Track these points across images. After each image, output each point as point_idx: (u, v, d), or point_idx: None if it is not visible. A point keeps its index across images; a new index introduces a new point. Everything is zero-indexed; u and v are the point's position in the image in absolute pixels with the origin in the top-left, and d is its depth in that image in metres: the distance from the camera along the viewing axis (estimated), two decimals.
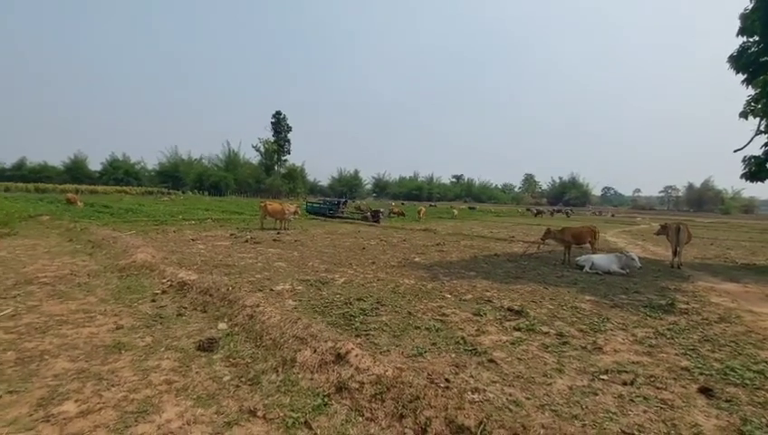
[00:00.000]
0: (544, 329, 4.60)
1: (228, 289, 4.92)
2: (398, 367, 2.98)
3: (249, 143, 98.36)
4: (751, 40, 10.76)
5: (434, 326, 4.54)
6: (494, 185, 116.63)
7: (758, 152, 10.78)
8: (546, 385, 3.26)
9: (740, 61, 10.90)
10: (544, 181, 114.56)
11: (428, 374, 3.37)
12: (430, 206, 51.42)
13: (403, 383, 2.75)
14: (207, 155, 76.72)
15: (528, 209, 51.73)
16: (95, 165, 68.49)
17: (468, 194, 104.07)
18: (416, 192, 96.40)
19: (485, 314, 5.12)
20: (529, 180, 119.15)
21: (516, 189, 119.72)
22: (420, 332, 4.40)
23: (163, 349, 3.45)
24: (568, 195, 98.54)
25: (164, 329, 3.97)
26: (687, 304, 6.00)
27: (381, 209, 25.54)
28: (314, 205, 26.96)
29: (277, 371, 3.00)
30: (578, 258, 9.06)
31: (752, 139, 11.04)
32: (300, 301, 5.42)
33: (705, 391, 3.15)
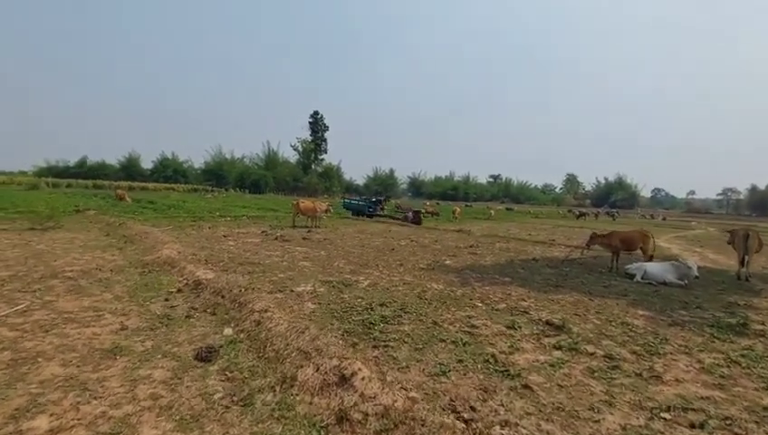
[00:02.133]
0: (590, 349, 4.01)
1: (241, 290, 4.71)
2: (410, 397, 2.57)
3: (288, 143, 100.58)
4: None
5: (461, 340, 4.08)
6: (533, 185, 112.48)
7: None
8: (593, 422, 2.73)
9: None
10: (588, 182, 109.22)
11: (451, 399, 2.94)
12: (466, 206, 50.23)
13: (414, 420, 2.34)
14: (249, 154, 79.36)
15: (570, 211, 49.22)
16: (147, 163, 72.66)
17: (506, 194, 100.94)
18: (451, 192, 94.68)
19: (520, 327, 4.59)
20: (571, 181, 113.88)
21: (557, 190, 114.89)
22: (446, 345, 3.96)
23: (160, 356, 3.24)
24: (614, 196, 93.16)
25: (167, 332, 3.78)
26: (763, 323, 5.14)
27: (422, 209, 24.20)
28: (352, 202, 25.99)
29: (274, 390, 2.68)
30: (628, 266, 8.20)
31: None
32: (319, 304, 5.13)
33: None
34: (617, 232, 9.60)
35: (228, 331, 3.80)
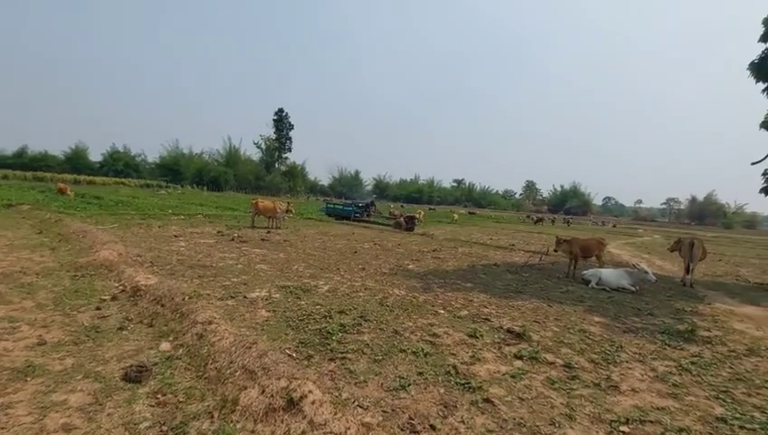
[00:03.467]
0: (549, 358, 3.98)
1: (185, 298, 4.30)
2: (365, 422, 2.35)
3: (251, 140, 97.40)
4: None
5: (422, 350, 3.91)
6: (494, 190, 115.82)
7: None
8: None
9: (761, 68, 10.29)
10: (545, 189, 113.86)
11: (410, 417, 2.76)
12: (429, 209, 50.74)
13: None
14: (208, 150, 76.03)
15: (528, 216, 51.04)
16: (96, 156, 67.84)
17: (469, 199, 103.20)
18: (416, 195, 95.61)
19: (482, 335, 4.50)
20: (530, 187, 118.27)
21: (517, 196, 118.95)
22: (406, 356, 3.78)
23: (80, 376, 2.81)
24: (569, 203, 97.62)
25: (94, 348, 3.33)
26: (709, 330, 5.37)
27: (416, 214, 22.30)
28: (336, 206, 23.78)
29: (212, 416, 2.37)
30: (584, 272, 8.43)
31: None
32: (274, 311, 4.81)
33: None
34: (577, 239, 9.89)
35: (165, 345, 3.40)
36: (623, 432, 2.75)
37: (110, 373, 2.88)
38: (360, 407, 2.82)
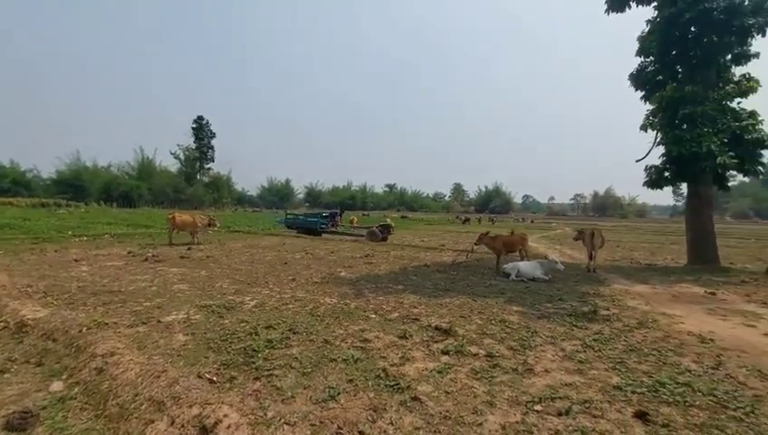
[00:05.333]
0: (473, 350, 4.19)
1: (82, 330, 3.82)
2: None
3: (167, 150, 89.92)
4: (648, 60, 11.85)
5: (352, 357, 3.90)
6: (425, 194, 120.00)
7: (657, 162, 11.85)
8: (477, 426, 2.77)
9: (639, 79, 11.96)
10: (472, 190, 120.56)
11: (338, 427, 2.72)
12: (363, 215, 51.04)
13: None
14: (117, 162, 68.84)
15: (457, 217, 53.65)
16: None
17: (401, 203, 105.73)
18: (349, 201, 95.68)
19: (412, 335, 4.61)
20: (457, 189, 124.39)
21: (446, 198, 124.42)
22: (336, 365, 3.73)
23: None
24: (493, 203, 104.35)
25: None
26: (608, 309, 6.05)
27: (392, 224, 20.53)
28: (298, 218, 20.96)
29: None
30: (505, 266, 9.05)
31: (650, 150, 12.13)
32: (193, 334, 4.47)
33: (642, 415, 2.87)
34: (500, 236, 10.59)
35: (57, 385, 2.97)
36: (537, 411, 2.97)
37: None
38: (287, 424, 2.72)
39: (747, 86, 11.13)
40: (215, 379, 3.31)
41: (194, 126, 72.76)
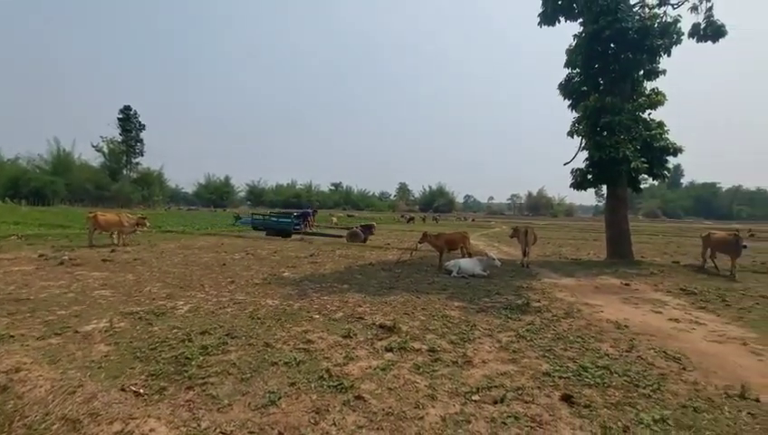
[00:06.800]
0: (416, 345, 4.27)
1: None
2: None
3: (89, 142, 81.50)
4: (574, 72, 12.89)
5: (295, 359, 3.79)
6: (371, 193, 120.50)
7: (582, 166, 12.94)
8: (418, 419, 2.83)
9: (567, 89, 12.97)
10: (416, 190, 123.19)
11: (279, 433, 2.63)
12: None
13: None
14: (26, 155, 61.12)
15: (402, 216, 54.58)
16: None
17: (347, 202, 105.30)
18: (294, 200, 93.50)
19: (356, 334, 4.60)
20: (403, 189, 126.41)
21: (392, 197, 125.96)
22: (278, 369, 3.61)
23: None
24: (437, 202, 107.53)
25: None
26: (539, 301, 6.49)
27: (373, 224, 19.20)
28: (267, 218, 19.04)
29: None
30: (447, 263, 9.35)
31: (576, 154, 13.23)
32: (116, 344, 4.09)
33: (567, 398, 3.11)
34: (443, 234, 10.91)
35: None
36: (474, 401, 3.10)
37: None
38: (223, 433, 2.58)
39: (656, 99, 12.58)
40: (141, 391, 3.05)
41: (120, 117, 66.69)
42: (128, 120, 66.94)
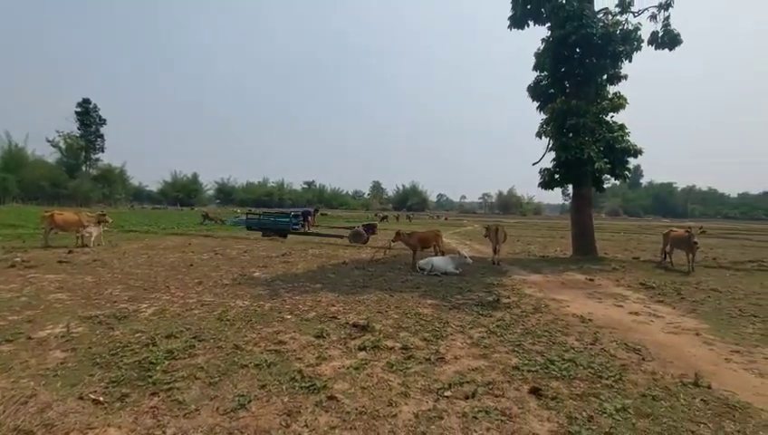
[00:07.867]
0: (390, 344, 4.28)
1: None
2: None
3: (43, 137, 76.76)
4: (542, 74, 13.28)
5: (266, 361, 3.71)
6: (345, 192, 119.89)
7: (549, 166, 13.36)
8: (391, 417, 2.83)
9: (535, 91, 13.35)
10: (390, 189, 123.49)
11: None
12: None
13: None
14: None
15: (376, 214, 54.60)
16: None
17: (321, 200, 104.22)
18: (266, 198, 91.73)
19: (329, 334, 4.55)
20: (377, 187, 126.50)
21: (366, 196, 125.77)
22: (248, 371, 3.52)
23: None
24: (410, 201, 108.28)
25: None
26: (509, 298, 6.66)
27: (376, 223, 17.54)
28: (263, 218, 18.26)
29: None
30: (420, 261, 9.43)
31: (543, 155, 13.64)
32: (74, 350, 3.87)
33: (535, 391, 3.20)
34: (416, 232, 10.98)
35: None
36: (447, 397, 3.14)
37: None
38: None
39: (618, 103, 13.15)
40: (101, 399, 2.89)
41: (78, 110, 63.14)
42: (87, 115, 63.43)
